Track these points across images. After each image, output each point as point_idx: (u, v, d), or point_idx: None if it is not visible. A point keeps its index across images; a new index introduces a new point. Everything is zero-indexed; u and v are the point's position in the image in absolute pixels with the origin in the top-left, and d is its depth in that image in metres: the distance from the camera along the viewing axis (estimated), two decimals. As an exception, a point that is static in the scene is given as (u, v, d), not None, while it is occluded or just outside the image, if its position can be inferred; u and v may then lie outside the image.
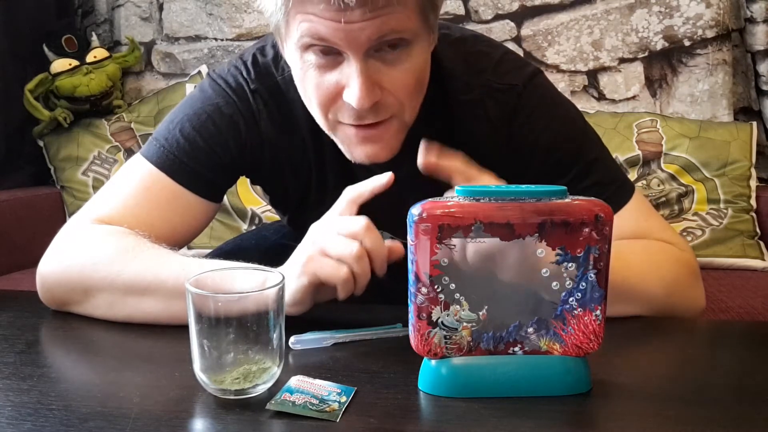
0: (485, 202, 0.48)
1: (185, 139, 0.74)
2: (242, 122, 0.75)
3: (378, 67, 0.63)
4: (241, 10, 1.81)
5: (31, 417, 0.48)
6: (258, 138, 0.76)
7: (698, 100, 1.67)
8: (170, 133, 0.75)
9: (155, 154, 0.75)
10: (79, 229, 0.73)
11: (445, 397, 0.51)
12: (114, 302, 0.67)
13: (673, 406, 0.51)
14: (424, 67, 0.67)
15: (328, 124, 0.68)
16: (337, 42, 0.60)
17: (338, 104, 0.65)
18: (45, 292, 0.71)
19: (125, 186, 0.76)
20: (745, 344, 0.66)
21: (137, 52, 1.83)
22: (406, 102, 0.66)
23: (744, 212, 1.51)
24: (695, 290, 0.74)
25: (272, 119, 0.76)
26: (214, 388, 0.51)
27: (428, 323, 0.50)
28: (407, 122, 0.69)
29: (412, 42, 0.63)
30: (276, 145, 0.77)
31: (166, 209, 0.74)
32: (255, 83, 0.76)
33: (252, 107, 0.76)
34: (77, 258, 0.69)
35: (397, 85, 0.64)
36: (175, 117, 0.77)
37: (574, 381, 0.52)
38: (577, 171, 0.73)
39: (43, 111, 1.67)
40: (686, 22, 1.65)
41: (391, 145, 0.69)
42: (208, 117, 0.75)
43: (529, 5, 1.71)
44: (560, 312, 0.50)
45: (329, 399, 0.50)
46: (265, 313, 0.50)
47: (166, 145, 0.75)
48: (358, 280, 0.60)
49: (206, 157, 0.75)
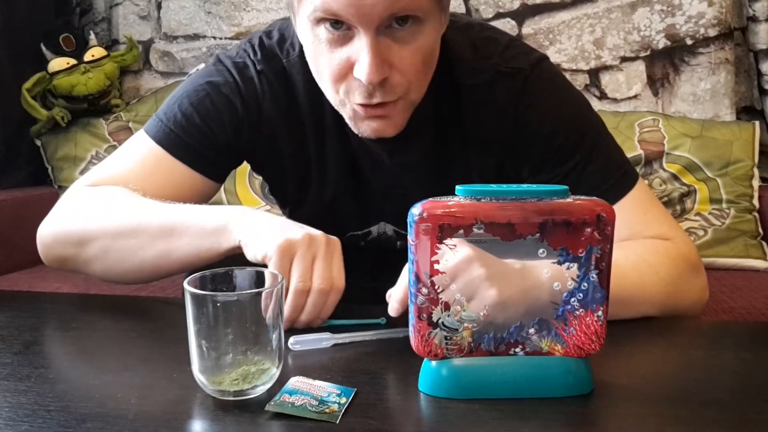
0: (486, 201, 0.48)
1: (182, 115, 0.77)
2: (239, 103, 0.77)
3: (388, 44, 0.63)
4: (240, 8, 1.80)
5: (28, 418, 0.48)
6: (257, 118, 0.77)
7: (700, 99, 1.67)
8: (169, 109, 0.78)
9: (154, 128, 0.78)
10: (75, 192, 0.77)
11: (446, 398, 0.51)
12: (107, 247, 0.71)
13: (675, 407, 0.50)
14: (433, 47, 0.68)
15: (338, 98, 0.69)
16: (349, 17, 0.61)
17: (349, 80, 0.65)
18: (44, 250, 0.76)
19: (123, 157, 0.79)
20: (747, 345, 0.66)
21: (135, 51, 1.83)
22: (414, 81, 0.67)
23: (746, 212, 1.51)
24: (696, 285, 0.73)
25: (276, 101, 0.77)
26: (213, 389, 0.50)
27: (429, 324, 0.50)
28: (414, 101, 0.69)
29: (423, 21, 0.64)
30: (276, 126, 0.78)
31: (161, 180, 0.76)
32: (261, 64, 0.77)
33: (256, 88, 0.77)
34: (72, 214, 0.74)
35: (406, 63, 0.64)
36: (176, 94, 0.79)
37: (575, 382, 0.51)
38: (580, 157, 0.73)
39: (41, 110, 1.67)
40: (688, 20, 1.65)
41: (397, 122, 0.69)
42: (206, 95, 0.77)
43: (530, 3, 1.71)
44: (562, 313, 0.50)
45: (329, 400, 0.49)
46: (265, 314, 0.50)
47: (165, 119, 0.77)
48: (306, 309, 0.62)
49: (201, 134, 0.77)
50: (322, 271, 0.62)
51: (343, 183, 0.81)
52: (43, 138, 1.73)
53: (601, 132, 0.77)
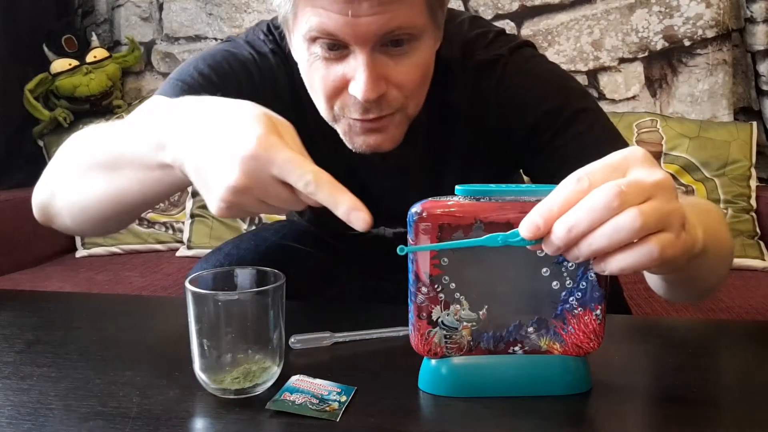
0: (485, 201, 0.48)
1: (199, 74, 0.73)
2: (256, 71, 0.75)
3: (384, 62, 0.63)
4: (241, 9, 1.81)
5: (30, 416, 0.48)
6: (272, 92, 0.75)
7: (698, 100, 1.67)
8: (184, 71, 0.75)
9: (170, 89, 0.73)
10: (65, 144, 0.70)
11: (445, 396, 0.51)
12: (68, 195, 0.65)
13: (673, 405, 0.51)
14: (429, 62, 0.68)
15: (332, 115, 0.68)
16: (345, 36, 0.61)
17: (344, 96, 0.65)
18: (35, 207, 0.70)
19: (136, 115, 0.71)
20: (745, 344, 0.66)
21: (137, 52, 1.83)
22: (411, 96, 0.66)
23: (744, 212, 1.51)
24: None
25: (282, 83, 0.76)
26: (214, 387, 0.51)
27: (428, 323, 0.50)
28: (411, 115, 0.69)
29: (419, 38, 0.63)
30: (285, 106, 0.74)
31: None
32: (272, 44, 0.77)
33: (271, 62, 0.76)
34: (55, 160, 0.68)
35: (403, 79, 0.64)
36: (190, 60, 0.77)
37: (574, 380, 0.52)
38: (564, 119, 0.71)
39: (43, 111, 1.67)
40: (686, 22, 1.65)
41: (394, 136, 0.69)
42: (224, 58, 0.75)
43: (529, 5, 1.71)
44: (560, 311, 0.50)
45: (329, 398, 0.50)
46: (265, 313, 0.50)
47: (180, 80, 0.73)
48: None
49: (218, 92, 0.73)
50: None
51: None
52: (45, 138, 1.73)
53: (586, 98, 0.75)
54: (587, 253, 0.42)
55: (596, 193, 0.41)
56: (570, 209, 0.42)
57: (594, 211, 0.41)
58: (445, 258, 0.49)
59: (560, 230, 0.42)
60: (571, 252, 0.43)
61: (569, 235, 0.42)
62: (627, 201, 0.40)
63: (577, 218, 0.41)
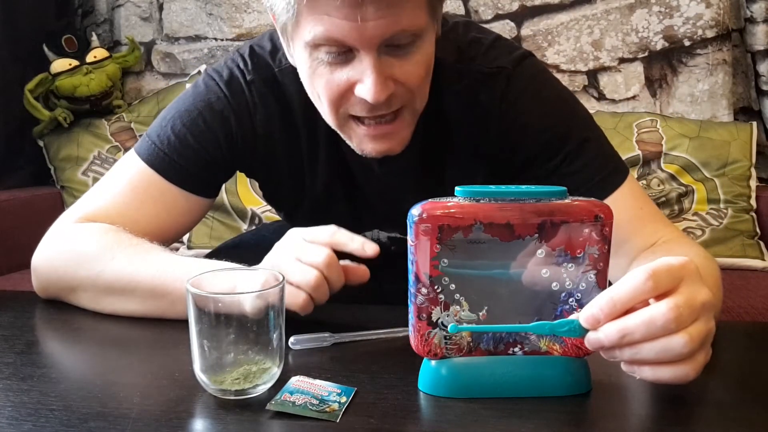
0: (485, 202, 0.48)
1: (176, 137, 0.75)
2: (233, 117, 0.76)
3: (390, 62, 0.63)
4: (241, 9, 1.80)
5: (31, 417, 0.48)
6: (251, 131, 0.77)
7: (698, 100, 1.67)
8: (162, 130, 0.76)
9: (146, 151, 0.76)
10: (66, 227, 0.75)
11: (445, 397, 0.51)
12: (96, 299, 0.70)
13: (673, 406, 0.51)
14: (431, 55, 0.68)
15: (338, 120, 0.68)
16: (351, 41, 0.61)
17: (349, 99, 0.65)
18: (37, 285, 0.75)
19: (114, 183, 0.77)
20: (745, 345, 0.66)
21: (137, 52, 1.83)
22: (417, 90, 0.67)
23: (744, 212, 1.51)
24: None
25: (268, 111, 0.77)
26: (214, 388, 0.51)
27: (428, 324, 0.50)
28: (418, 110, 0.69)
29: (421, 35, 0.64)
30: (270, 137, 0.78)
31: (153, 206, 0.75)
32: (252, 74, 0.76)
33: (247, 99, 0.76)
34: (63, 257, 0.72)
35: (409, 76, 0.65)
36: (167, 114, 0.78)
37: (574, 381, 0.52)
38: (568, 151, 0.72)
39: (43, 111, 1.67)
40: (686, 22, 1.65)
41: (403, 137, 0.70)
42: (198, 114, 0.76)
43: (529, 5, 1.71)
44: (560, 312, 0.50)
45: (329, 399, 0.50)
46: (265, 314, 0.50)
47: (157, 142, 0.76)
48: (316, 302, 0.62)
49: (196, 155, 0.75)
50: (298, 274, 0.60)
51: (335, 190, 0.80)
52: (45, 138, 1.73)
53: (589, 125, 0.76)
54: (629, 358, 0.45)
55: (656, 309, 0.43)
56: (628, 314, 0.44)
57: (651, 326, 0.43)
58: (444, 259, 0.49)
59: (612, 333, 0.44)
60: (612, 352, 0.45)
61: (620, 341, 0.44)
62: (682, 324, 0.43)
63: (634, 328, 0.44)
